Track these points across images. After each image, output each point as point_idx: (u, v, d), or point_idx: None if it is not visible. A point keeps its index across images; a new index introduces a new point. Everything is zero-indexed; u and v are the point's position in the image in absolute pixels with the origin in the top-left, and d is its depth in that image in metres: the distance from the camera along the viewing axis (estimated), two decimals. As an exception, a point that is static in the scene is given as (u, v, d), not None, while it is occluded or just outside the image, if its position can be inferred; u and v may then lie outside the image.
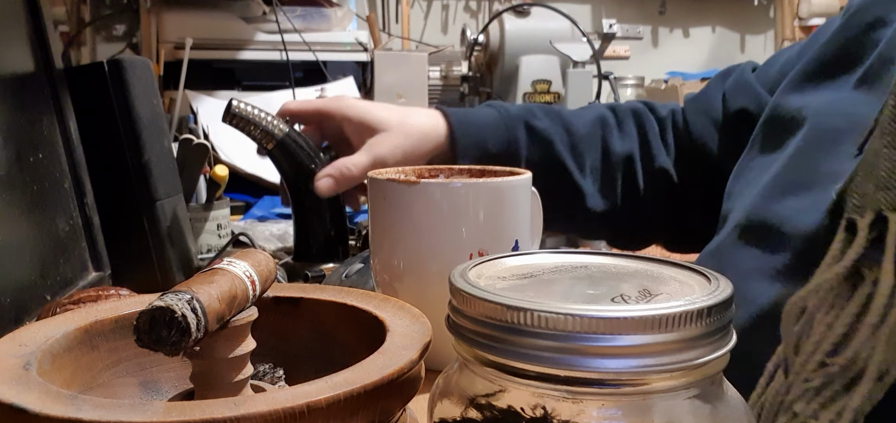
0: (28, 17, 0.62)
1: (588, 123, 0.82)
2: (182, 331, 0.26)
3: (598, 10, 3.03)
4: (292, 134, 0.78)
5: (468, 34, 2.31)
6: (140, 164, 0.67)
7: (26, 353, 0.29)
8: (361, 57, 1.90)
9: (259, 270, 0.32)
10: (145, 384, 0.34)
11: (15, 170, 0.54)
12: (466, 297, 0.26)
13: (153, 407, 0.24)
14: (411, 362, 0.28)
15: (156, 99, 0.73)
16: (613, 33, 2.22)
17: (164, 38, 1.75)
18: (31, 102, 0.60)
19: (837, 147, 0.55)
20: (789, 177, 0.58)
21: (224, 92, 1.71)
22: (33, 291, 0.53)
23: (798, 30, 3.16)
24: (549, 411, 0.24)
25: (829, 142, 0.56)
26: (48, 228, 0.58)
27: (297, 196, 0.81)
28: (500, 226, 0.53)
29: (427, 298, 0.46)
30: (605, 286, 0.28)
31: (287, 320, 0.37)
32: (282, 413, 0.24)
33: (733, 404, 0.27)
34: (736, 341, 0.26)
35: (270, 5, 1.77)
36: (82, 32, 2.04)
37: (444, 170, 0.60)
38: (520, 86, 2.26)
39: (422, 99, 1.79)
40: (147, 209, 0.68)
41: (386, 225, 0.54)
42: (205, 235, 0.92)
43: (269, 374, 0.36)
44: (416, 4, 2.89)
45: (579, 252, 0.32)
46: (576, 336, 0.24)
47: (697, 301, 0.24)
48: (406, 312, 0.34)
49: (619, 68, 2.43)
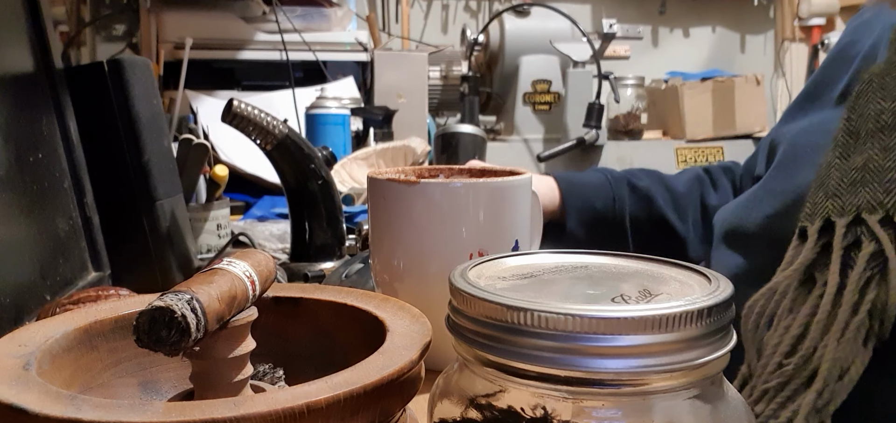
0: (28, 17, 0.62)
1: (686, 182, 0.89)
2: (182, 331, 0.26)
3: (598, 10, 3.03)
4: (292, 135, 0.78)
5: (468, 34, 2.31)
6: (140, 164, 0.67)
7: (26, 353, 0.29)
8: (361, 57, 1.90)
9: (259, 270, 0.32)
10: (145, 384, 0.34)
11: (15, 170, 0.54)
12: (466, 297, 0.26)
13: (153, 407, 0.24)
14: (411, 362, 0.28)
15: (156, 99, 0.73)
16: (613, 33, 2.23)
17: (163, 37, 1.75)
18: (31, 101, 0.60)
19: (814, 160, 0.58)
20: (770, 184, 0.61)
21: (224, 92, 1.71)
22: (33, 291, 0.53)
23: (798, 30, 3.16)
24: (549, 411, 0.24)
25: (806, 156, 0.60)
26: (48, 228, 0.58)
27: (296, 197, 0.81)
28: (500, 226, 0.53)
29: (427, 298, 0.46)
30: (605, 286, 0.28)
31: (287, 320, 0.37)
32: (282, 413, 0.24)
33: (733, 404, 0.26)
34: (735, 341, 0.26)
35: (270, 5, 1.77)
36: (82, 32, 2.04)
37: (443, 170, 0.60)
38: (520, 86, 2.27)
39: (422, 99, 1.79)
40: (147, 209, 0.68)
41: (386, 225, 0.54)
42: (205, 235, 0.92)
43: (269, 374, 0.36)
44: (416, 4, 2.89)
45: (579, 252, 0.32)
46: (576, 336, 0.23)
47: (697, 301, 0.24)
48: (406, 312, 0.34)
49: (619, 68, 2.43)
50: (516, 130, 2.27)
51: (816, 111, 0.64)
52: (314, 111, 1.46)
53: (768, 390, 0.43)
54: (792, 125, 0.66)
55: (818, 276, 0.46)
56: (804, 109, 0.66)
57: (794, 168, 0.59)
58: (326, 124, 1.45)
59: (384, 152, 1.39)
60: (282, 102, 1.63)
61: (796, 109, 0.67)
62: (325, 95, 1.48)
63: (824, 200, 0.48)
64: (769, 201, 0.60)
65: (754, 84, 2.38)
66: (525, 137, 2.25)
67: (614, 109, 2.36)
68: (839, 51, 0.66)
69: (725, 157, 2.36)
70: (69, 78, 0.66)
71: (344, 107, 1.49)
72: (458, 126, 1.31)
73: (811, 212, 0.48)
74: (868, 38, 0.63)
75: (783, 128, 0.67)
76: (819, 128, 0.61)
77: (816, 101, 0.65)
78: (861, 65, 0.61)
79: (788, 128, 0.66)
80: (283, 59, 1.70)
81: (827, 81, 0.65)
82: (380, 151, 1.39)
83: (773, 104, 3.15)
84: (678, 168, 2.35)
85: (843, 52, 0.66)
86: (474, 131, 1.29)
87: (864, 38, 0.64)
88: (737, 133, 2.37)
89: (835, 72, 0.65)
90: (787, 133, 0.64)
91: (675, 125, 2.40)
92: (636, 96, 2.46)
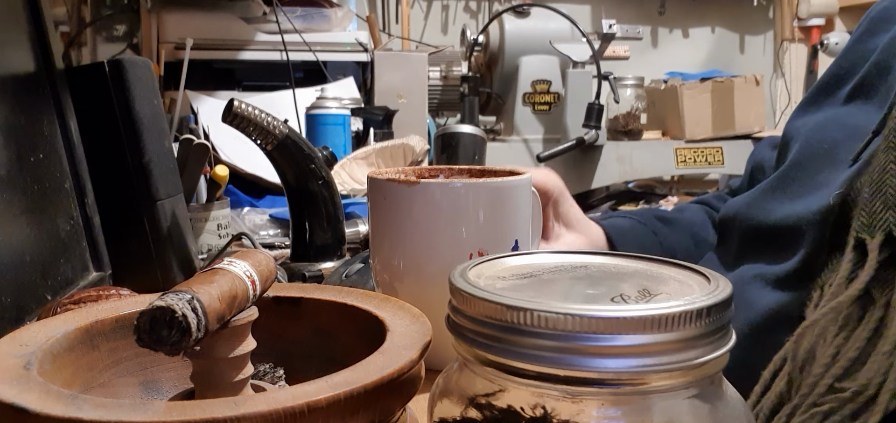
0: (29, 17, 0.62)
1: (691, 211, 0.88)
2: (182, 331, 0.26)
3: (597, 10, 3.03)
4: (292, 135, 0.78)
5: (468, 34, 2.31)
6: (140, 164, 0.67)
7: (27, 353, 0.29)
8: (361, 57, 1.90)
9: (259, 270, 0.32)
10: (146, 383, 0.34)
11: (15, 170, 0.54)
12: (466, 297, 0.26)
13: (153, 407, 0.24)
14: (411, 362, 0.28)
15: (156, 99, 0.73)
16: (613, 34, 2.22)
17: (164, 38, 1.75)
18: (32, 102, 0.60)
19: (833, 157, 0.55)
20: (785, 183, 0.59)
21: (224, 92, 1.72)
22: (34, 291, 0.53)
23: (797, 30, 3.16)
24: (548, 410, 0.24)
25: (823, 153, 0.57)
26: (49, 228, 0.58)
27: (296, 197, 0.81)
28: (500, 226, 0.53)
29: (427, 298, 0.46)
30: (604, 286, 0.28)
31: (287, 320, 0.37)
32: (282, 413, 0.24)
33: (733, 404, 0.27)
34: (734, 341, 0.26)
35: (271, 5, 1.77)
36: (83, 33, 2.04)
37: (443, 170, 0.60)
38: (520, 86, 2.27)
39: (422, 99, 1.79)
40: (147, 209, 0.68)
41: (386, 225, 0.54)
42: (205, 235, 0.92)
43: (270, 374, 0.36)
44: (416, 4, 2.89)
45: (579, 252, 0.33)
46: (575, 336, 0.24)
47: (697, 301, 0.24)
48: (406, 312, 0.34)
49: (618, 68, 2.43)
50: (516, 130, 2.27)
51: (831, 106, 0.62)
52: (314, 111, 1.46)
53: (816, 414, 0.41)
54: (806, 119, 0.63)
55: (877, 295, 0.43)
56: (818, 102, 0.64)
57: (814, 166, 0.57)
58: (326, 125, 1.45)
59: (383, 151, 1.39)
60: (282, 103, 1.63)
61: (810, 103, 0.65)
62: (326, 95, 1.48)
63: (883, 211, 0.45)
64: (787, 196, 0.57)
65: (754, 84, 2.38)
66: (525, 138, 2.25)
67: (614, 110, 2.36)
68: (854, 43, 0.64)
69: (725, 157, 2.36)
70: (70, 78, 0.66)
71: (344, 107, 1.49)
72: (458, 126, 1.31)
73: (869, 223, 0.45)
74: (886, 31, 0.60)
75: (796, 122, 0.65)
76: (834, 122, 0.59)
77: (831, 95, 0.63)
78: (880, 56, 0.58)
79: (803, 122, 0.63)
80: (284, 59, 1.70)
81: (841, 75, 0.63)
82: (379, 151, 1.39)
83: (773, 105, 3.15)
84: (678, 168, 2.35)
85: (858, 44, 0.63)
86: (474, 131, 1.29)
87: (882, 31, 0.61)
88: (736, 133, 2.37)
89: (850, 65, 0.62)
90: (802, 128, 0.62)
91: (675, 125, 2.40)
92: (636, 97, 2.46)
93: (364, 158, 1.37)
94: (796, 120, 0.65)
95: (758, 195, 0.61)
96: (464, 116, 2.07)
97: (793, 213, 0.55)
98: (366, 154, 1.38)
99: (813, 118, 0.62)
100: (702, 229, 0.85)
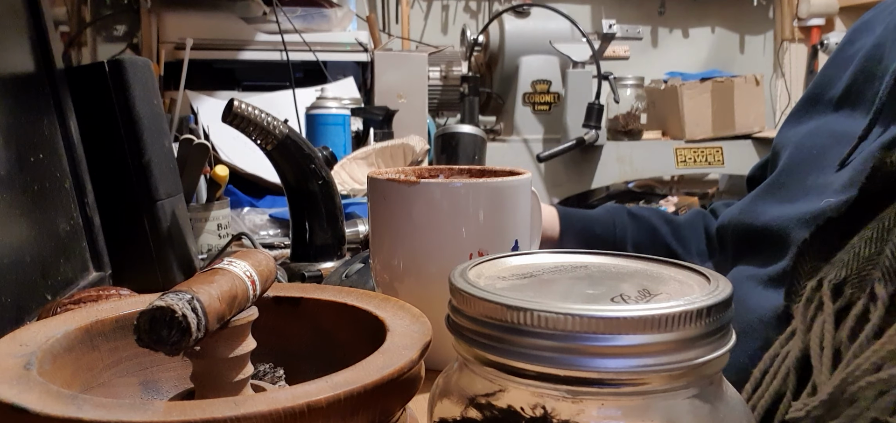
0: (29, 17, 0.62)
1: (688, 215, 0.89)
2: (182, 331, 0.26)
3: (597, 10, 3.03)
4: (292, 135, 0.78)
5: (468, 34, 2.31)
6: (140, 164, 0.67)
7: (27, 353, 0.29)
8: (361, 57, 1.90)
9: (259, 270, 0.32)
10: (146, 383, 0.34)
11: (15, 170, 0.54)
12: (466, 297, 0.26)
13: (153, 407, 0.24)
14: (411, 361, 0.28)
15: (156, 99, 0.73)
16: (613, 34, 2.23)
17: (164, 38, 1.75)
18: (32, 102, 0.60)
19: (821, 162, 0.57)
20: (776, 188, 0.61)
21: (224, 92, 1.72)
22: (34, 291, 0.53)
23: (797, 30, 3.16)
24: (548, 410, 0.24)
25: (812, 158, 0.59)
26: (49, 228, 0.58)
27: (296, 197, 0.81)
28: (500, 226, 0.53)
29: (427, 298, 0.46)
30: (604, 286, 0.28)
31: (287, 320, 0.37)
32: (282, 413, 0.24)
33: (732, 404, 0.27)
34: (734, 341, 0.26)
35: (270, 6, 1.77)
36: (83, 33, 2.04)
37: (443, 170, 0.60)
38: (519, 86, 2.27)
39: (422, 99, 1.79)
40: (147, 209, 0.68)
41: (386, 225, 0.54)
42: (205, 235, 0.92)
43: (270, 374, 0.36)
44: (416, 5, 2.89)
45: (579, 252, 0.33)
46: (576, 336, 0.24)
47: (697, 301, 0.24)
48: (406, 312, 0.34)
49: (618, 68, 2.43)
50: (516, 130, 2.27)
51: (819, 114, 0.64)
52: (314, 111, 1.46)
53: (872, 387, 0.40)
54: (797, 129, 0.66)
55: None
56: (808, 111, 0.67)
57: (802, 169, 0.59)
58: (326, 125, 1.45)
59: (383, 151, 1.39)
60: (282, 103, 1.63)
61: (800, 113, 0.68)
62: (326, 95, 1.48)
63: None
64: (776, 199, 0.59)
65: (753, 85, 2.38)
66: (525, 138, 2.25)
67: (614, 110, 2.36)
68: (838, 53, 0.67)
69: (725, 157, 2.36)
70: (70, 78, 0.66)
71: (344, 107, 1.49)
72: (458, 126, 1.31)
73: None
74: (868, 36, 0.63)
75: (788, 132, 0.67)
76: (823, 129, 0.61)
77: (818, 104, 0.65)
78: (863, 64, 0.60)
79: (794, 132, 0.66)
80: (284, 59, 1.70)
81: (826, 84, 0.65)
82: (379, 151, 1.39)
83: (773, 105, 3.15)
84: (677, 168, 2.35)
85: (841, 53, 0.66)
86: (474, 131, 1.29)
87: (863, 38, 0.64)
88: (736, 133, 2.37)
89: (834, 74, 0.65)
90: (793, 137, 0.65)
91: (675, 126, 2.40)
92: (636, 97, 2.47)
93: (364, 158, 1.37)
94: (787, 130, 0.68)
95: (750, 201, 0.64)
96: (464, 116, 2.07)
97: (783, 215, 0.57)
98: (366, 154, 1.38)
99: (803, 127, 0.65)
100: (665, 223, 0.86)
